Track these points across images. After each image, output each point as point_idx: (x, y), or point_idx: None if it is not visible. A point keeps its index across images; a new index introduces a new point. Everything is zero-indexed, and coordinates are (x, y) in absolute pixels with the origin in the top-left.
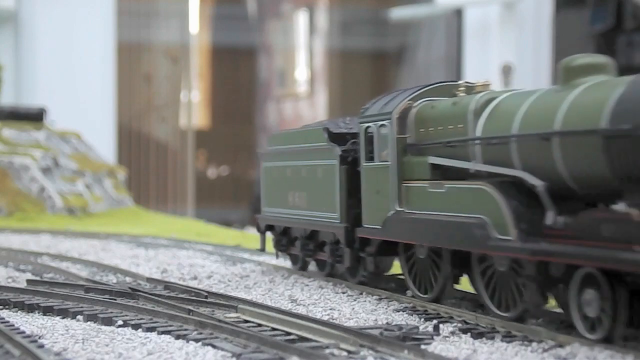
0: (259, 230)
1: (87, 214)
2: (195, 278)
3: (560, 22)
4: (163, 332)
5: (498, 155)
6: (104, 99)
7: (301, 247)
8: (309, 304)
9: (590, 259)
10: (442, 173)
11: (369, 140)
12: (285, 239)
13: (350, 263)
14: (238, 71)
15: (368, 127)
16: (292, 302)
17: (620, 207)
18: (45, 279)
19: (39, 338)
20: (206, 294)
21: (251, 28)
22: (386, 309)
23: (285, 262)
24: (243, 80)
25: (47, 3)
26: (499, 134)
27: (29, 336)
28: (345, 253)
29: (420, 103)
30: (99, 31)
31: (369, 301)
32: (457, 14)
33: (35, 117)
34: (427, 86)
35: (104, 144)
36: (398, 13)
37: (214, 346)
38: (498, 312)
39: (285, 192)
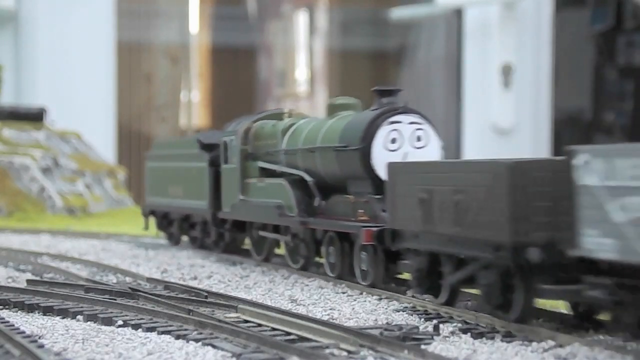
0: (143, 214)
1: (87, 214)
2: (195, 278)
3: (560, 22)
4: (163, 332)
5: (291, 161)
6: (104, 99)
7: (178, 227)
8: (309, 304)
9: (329, 226)
10: (266, 173)
11: (225, 149)
12: (165, 221)
13: (215, 237)
14: (238, 71)
15: (225, 140)
16: (292, 302)
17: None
18: (45, 279)
19: (39, 338)
20: (206, 294)
21: (251, 28)
22: (386, 309)
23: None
24: (243, 80)
25: (47, 3)
26: (292, 148)
27: (29, 336)
28: (212, 230)
29: (257, 124)
30: (99, 31)
31: (369, 301)
32: (457, 14)
33: (35, 117)
34: (265, 112)
35: (104, 144)
36: (398, 13)
37: (214, 346)
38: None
39: (166, 185)
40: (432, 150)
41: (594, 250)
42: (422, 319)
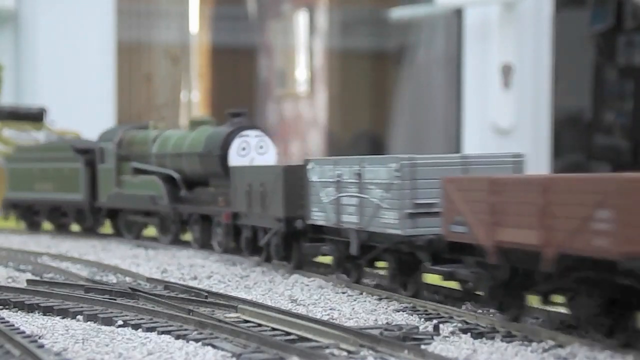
0: (3, 207)
1: None
2: (195, 278)
3: (560, 22)
4: (163, 332)
5: (161, 162)
6: (104, 99)
7: (47, 216)
8: (309, 304)
9: (194, 210)
10: (138, 171)
11: (102, 152)
12: (29, 212)
13: (92, 223)
14: (238, 71)
15: (101, 145)
16: (292, 302)
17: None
18: (45, 279)
19: (39, 338)
20: (206, 294)
21: (251, 28)
22: (386, 309)
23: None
24: (243, 80)
25: (47, 3)
26: (162, 152)
27: (29, 336)
28: (88, 217)
29: (129, 132)
30: (99, 31)
31: (369, 301)
32: (457, 14)
33: (35, 117)
34: (136, 124)
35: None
36: (398, 13)
37: (214, 346)
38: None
39: (32, 183)
40: (270, 156)
41: (316, 219)
42: (422, 319)
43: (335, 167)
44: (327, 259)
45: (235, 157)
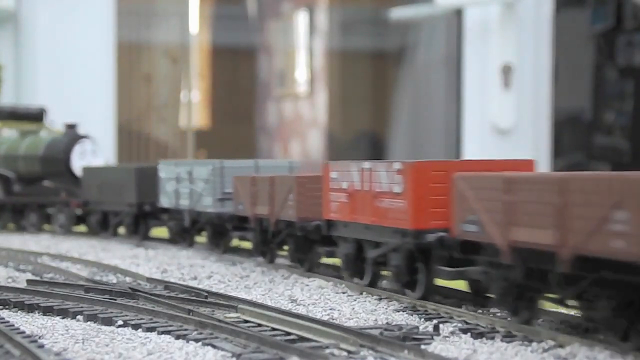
0: None
1: None
2: (195, 278)
3: (560, 22)
4: (163, 332)
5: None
6: (104, 99)
7: None
8: (309, 304)
9: (30, 201)
10: None
11: None
12: None
13: None
14: (238, 71)
15: None
16: (292, 302)
17: (46, 182)
18: (45, 279)
19: (39, 338)
20: (206, 294)
21: (251, 28)
22: (386, 309)
23: None
24: (243, 80)
25: (47, 3)
26: None
27: (29, 336)
28: None
29: None
30: (99, 31)
31: (369, 301)
32: (457, 14)
33: (35, 117)
34: None
35: (104, 144)
36: (398, 13)
37: (214, 346)
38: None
39: None
40: (100, 160)
41: (163, 203)
42: (422, 319)
43: (176, 167)
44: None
45: (76, 160)
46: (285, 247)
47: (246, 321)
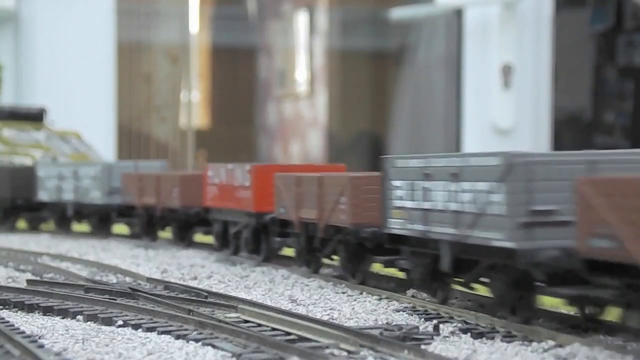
0: None
1: None
2: (195, 278)
3: (560, 22)
4: (163, 332)
5: None
6: (104, 99)
7: None
8: (309, 304)
9: None
10: None
11: None
12: None
13: None
14: (238, 71)
15: None
16: (292, 302)
17: None
18: (45, 279)
19: (39, 338)
20: (206, 294)
21: (251, 28)
22: (386, 309)
23: None
24: (243, 80)
25: (47, 3)
26: None
27: (29, 336)
28: None
29: None
30: (99, 31)
31: (369, 301)
32: (457, 14)
33: (35, 117)
34: None
35: (104, 144)
36: (398, 13)
37: (214, 346)
38: None
39: None
40: None
41: (43, 198)
42: (422, 319)
43: (58, 167)
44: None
45: None
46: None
47: (246, 321)
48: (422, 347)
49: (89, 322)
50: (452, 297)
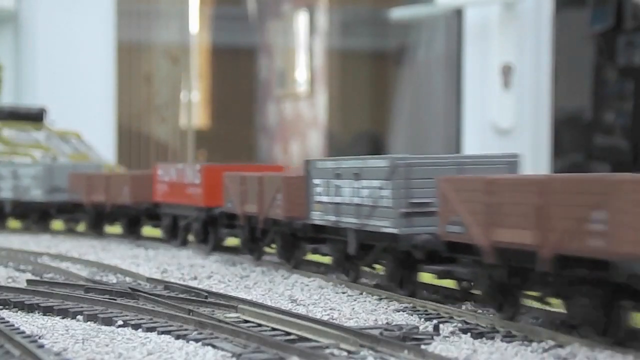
0: None
1: None
2: (195, 278)
3: (560, 22)
4: (163, 332)
5: None
6: (104, 99)
7: None
8: (309, 304)
9: None
10: None
11: None
12: None
13: None
14: (238, 71)
15: None
16: (292, 302)
17: None
18: (45, 279)
19: (39, 338)
20: (206, 294)
21: (251, 28)
22: (386, 309)
23: None
24: (243, 80)
25: (47, 3)
26: None
27: (29, 336)
28: None
29: None
30: (99, 31)
31: (369, 301)
32: (457, 14)
33: (35, 117)
34: None
35: (104, 144)
36: (398, 13)
37: (214, 346)
38: None
39: None
40: None
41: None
42: (422, 319)
43: None
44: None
45: None
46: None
47: (246, 321)
48: (422, 347)
49: (89, 322)
50: (360, 277)
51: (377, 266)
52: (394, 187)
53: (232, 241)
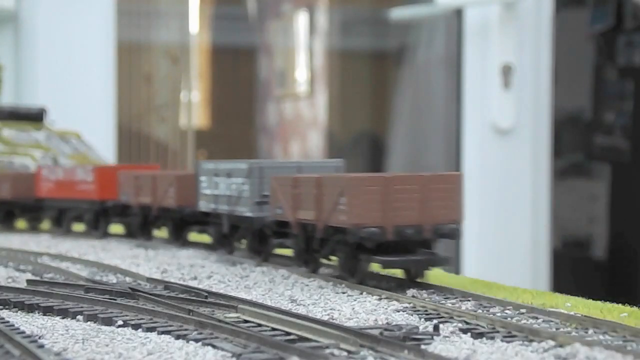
0: None
1: None
2: (195, 278)
3: (560, 22)
4: (163, 332)
5: None
6: (104, 99)
7: None
8: (309, 304)
9: None
10: None
11: None
12: None
13: None
14: (238, 71)
15: None
16: (292, 302)
17: None
18: (45, 279)
19: (39, 338)
20: (206, 294)
21: (251, 28)
22: (386, 309)
23: None
24: (243, 80)
25: (47, 3)
26: None
27: (29, 336)
28: None
29: None
30: (99, 31)
31: (369, 301)
32: (457, 14)
33: (35, 117)
34: None
35: (104, 144)
36: (398, 13)
37: (214, 346)
38: None
39: None
40: None
41: None
42: (422, 319)
43: None
44: None
45: None
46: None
47: (246, 321)
48: (422, 347)
49: (89, 322)
50: (234, 251)
51: (242, 242)
52: (251, 184)
53: (118, 228)
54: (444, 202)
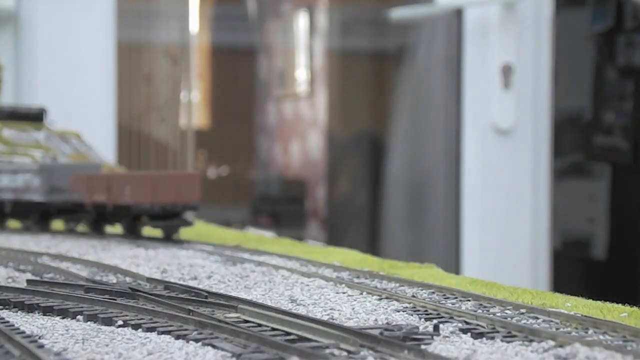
0: None
1: None
2: (195, 278)
3: (560, 22)
4: (163, 332)
5: None
6: (104, 99)
7: None
8: (309, 304)
9: None
10: None
11: None
12: None
13: None
14: (238, 71)
15: None
16: (292, 302)
17: None
18: (45, 279)
19: (39, 338)
20: (206, 294)
21: (251, 28)
22: (386, 309)
23: None
24: (243, 80)
25: (47, 3)
26: None
27: (29, 336)
28: None
29: None
30: (99, 31)
31: (369, 301)
32: (457, 14)
33: (35, 117)
34: None
35: (104, 144)
36: (398, 13)
37: (214, 346)
38: None
39: None
40: None
41: None
42: (422, 319)
43: None
44: None
45: None
46: None
47: (246, 321)
48: (422, 347)
49: (89, 322)
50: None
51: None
52: (41, 178)
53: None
54: (189, 190)
